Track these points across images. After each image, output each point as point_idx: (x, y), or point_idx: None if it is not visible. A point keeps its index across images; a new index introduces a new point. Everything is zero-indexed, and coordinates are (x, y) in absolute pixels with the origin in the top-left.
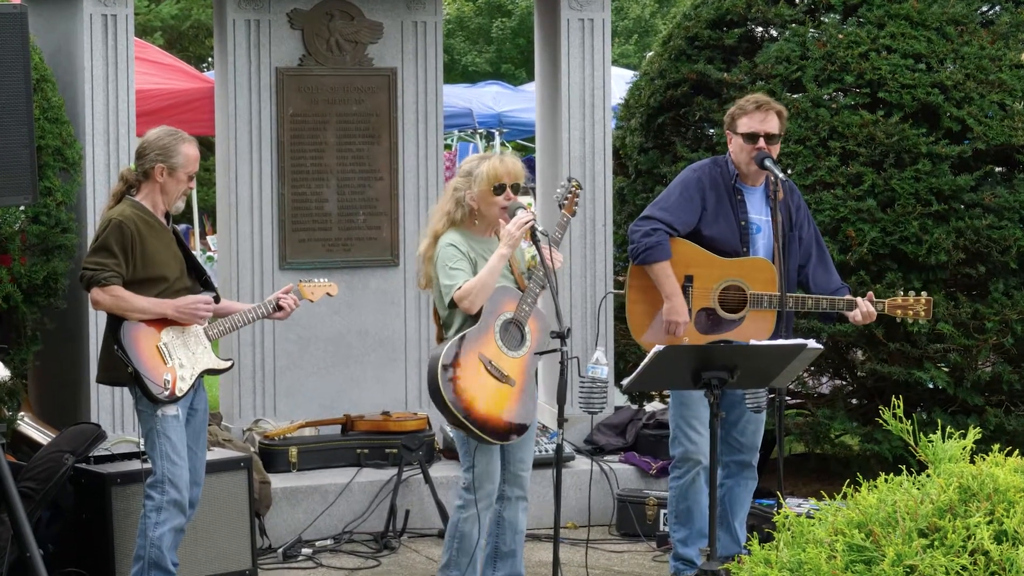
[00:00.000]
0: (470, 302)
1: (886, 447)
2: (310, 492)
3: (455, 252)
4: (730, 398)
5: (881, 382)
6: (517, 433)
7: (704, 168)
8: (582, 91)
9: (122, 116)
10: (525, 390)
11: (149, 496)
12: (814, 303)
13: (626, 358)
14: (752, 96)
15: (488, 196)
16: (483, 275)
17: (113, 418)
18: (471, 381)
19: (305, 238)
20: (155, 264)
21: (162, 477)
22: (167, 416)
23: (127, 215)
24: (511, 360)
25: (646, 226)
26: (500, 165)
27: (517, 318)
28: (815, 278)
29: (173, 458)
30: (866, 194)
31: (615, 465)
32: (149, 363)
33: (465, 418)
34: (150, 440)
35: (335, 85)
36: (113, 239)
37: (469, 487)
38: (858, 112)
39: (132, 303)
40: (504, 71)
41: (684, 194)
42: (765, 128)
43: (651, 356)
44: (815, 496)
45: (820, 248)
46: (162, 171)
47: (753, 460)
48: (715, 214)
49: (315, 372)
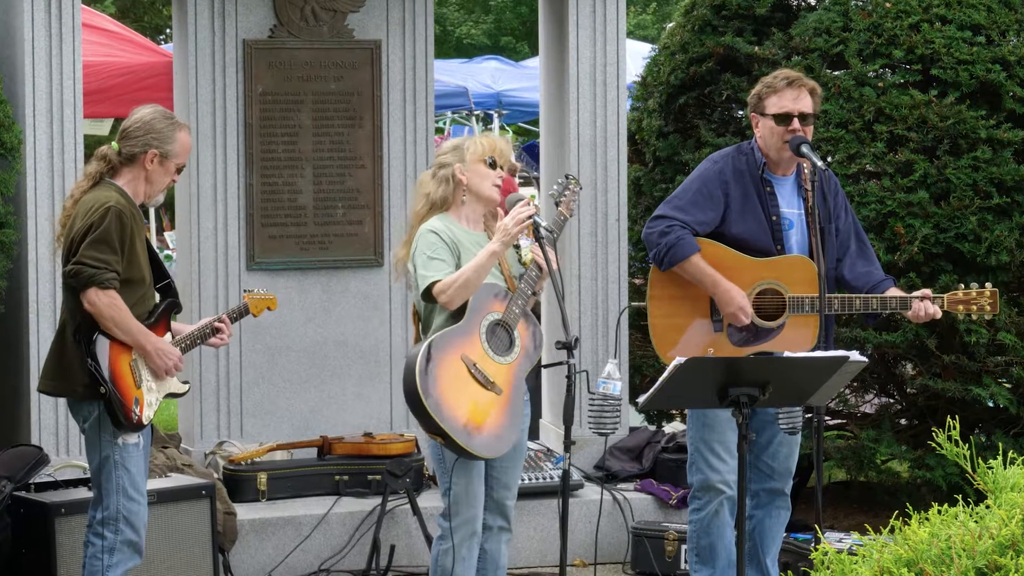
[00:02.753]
0: (448, 297)
1: (939, 474)
2: (281, 524)
3: (436, 240)
4: (761, 417)
5: (934, 400)
6: (501, 448)
7: (726, 158)
8: (593, 67)
9: (67, 95)
10: (512, 401)
11: (99, 535)
12: (862, 304)
13: (642, 372)
14: (781, 72)
15: (479, 168)
16: (467, 271)
17: (57, 439)
18: (452, 383)
19: (276, 234)
20: (138, 265)
21: (116, 514)
22: (128, 445)
23: (123, 204)
24: (497, 365)
25: (660, 224)
26: (494, 140)
27: (505, 320)
28: (854, 269)
29: (131, 493)
30: (917, 185)
31: (629, 494)
32: (120, 383)
33: (444, 423)
34: (105, 471)
35: (310, 60)
36: (114, 230)
37: (446, 513)
38: (908, 91)
39: (125, 320)
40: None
41: (703, 189)
42: (799, 107)
43: (671, 369)
44: (858, 530)
45: (860, 239)
46: (153, 157)
47: (786, 488)
48: (741, 210)
49: (287, 387)
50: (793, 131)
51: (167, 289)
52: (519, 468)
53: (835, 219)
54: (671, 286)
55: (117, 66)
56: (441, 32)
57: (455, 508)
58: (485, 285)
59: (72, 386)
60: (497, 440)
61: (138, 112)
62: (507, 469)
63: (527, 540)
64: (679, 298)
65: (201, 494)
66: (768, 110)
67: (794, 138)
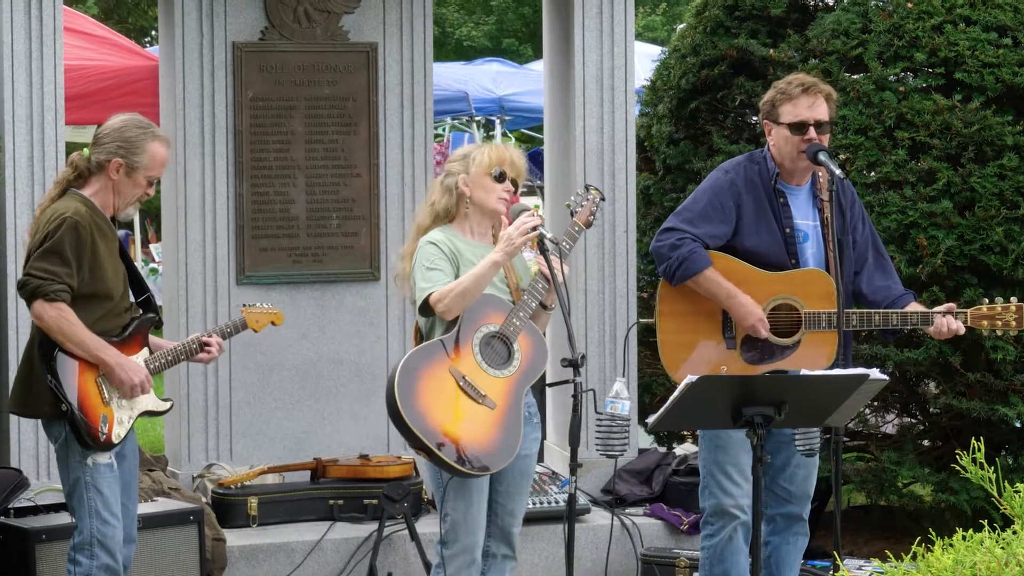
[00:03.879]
0: (445, 307)
1: (964, 498)
2: (273, 551)
3: (435, 252)
4: (777, 438)
5: (958, 420)
6: (494, 464)
7: (738, 167)
8: (600, 71)
9: (48, 100)
10: (508, 418)
11: (75, 560)
12: (882, 319)
13: (652, 391)
14: (795, 77)
15: (484, 180)
16: (465, 280)
17: (37, 462)
18: (437, 396)
19: (268, 247)
20: (103, 278)
21: (90, 539)
22: (99, 465)
23: (82, 214)
24: (491, 379)
25: (671, 238)
26: (505, 151)
27: (504, 332)
28: (871, 283)
29: (105, 516)
30: (940, 194)
31: (639, 519)
32: (86, 400)
33: (428, 439)
34: (76, 493)
35: (303, 63)
36: (68, 242)
37: (444, 540)
38: (931, 96)
39: (76, 332)
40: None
41: (714, 201)
42: (815, 115)
43: (682, 388)
44: (879, 556)
45: (878, 251)
46: (118, 167)
47: (804, 512)
48: (755, 222)
49: (279, 407)
50: (809, 140)
51: (147, 304)
52: (525, 494)
53: (852, 230)
54: (681, 301)
55: (100, 70)
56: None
57: (452, 535)
58: (483, 296)
59: (40, 406)
60: (488, 456)
61: (113, 119)
62: (512, 495)
63: (531, 568)
64: (689, 314)
65: (189, 519)
66: (782, 118)
67: (811, 145)
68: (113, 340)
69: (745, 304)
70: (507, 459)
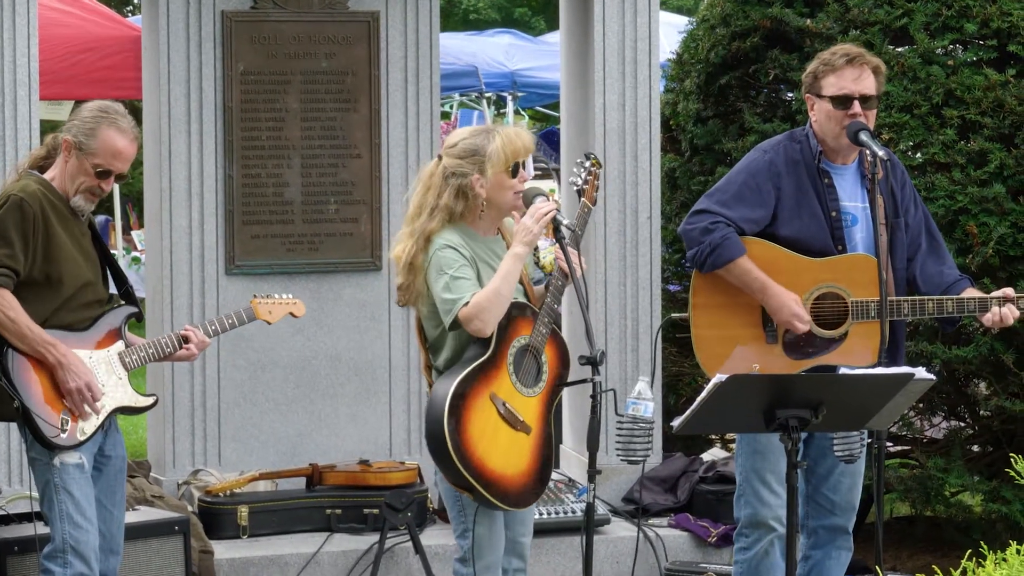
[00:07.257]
0: (482, 322)
1: (1017, 508)
2: (265, 564)
3: (455, 256)
4: (820, 443)
5: (1010, 423)
6: (535, 495)
7: (778, 147)
8: (621, 43)
9: (20, 74)
10: (543, 439)
11: (47, 570)
12: (935, 306)
13: (678, 391)
14: (840, 48)
15: (502, 179)
16: (497, 284)
17: (9, 467)
18: (482, 429)
19: (260, 233)
20: (59, 260)
21: (63, 545)
22: (67, 466)
23: (31, 191)
24: (527, 400)
25: (702, 221)
26: (517, 140)
27: (533, 344)
28: (924, 269)
29: (77, 519)
30: (992, 178)
31: (663, 530)
32: (42, 396)
33: (476, 480)
34: (47, 497)
35: (299, 34)
36: (11, 222)
37: (466, 558)
38: (982, 71)
39: (17, 322)
40: (518, 17)
41: (750, 183)
42: (860, 88)
43: (710, 388)
44: (924, 571)
45: (931, 235)
46: (68, 146)
47: (849, 525)
48: (796, 206)
49: (272, 409)
50: (853, 115)
51: (126, 297)
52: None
53: (903, 213)
54: (717, 293)
55: (77, 41)
56: (447, 3)
57: (479, 552)
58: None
59: (5, 407)
60: (526, 490)
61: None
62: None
63: None
64: (727, 306)
65: (173, 530)
66: (825, 91)
67: (852, 123)
68: (78, 334)
69: (779, 295)
70: (541, 493)
